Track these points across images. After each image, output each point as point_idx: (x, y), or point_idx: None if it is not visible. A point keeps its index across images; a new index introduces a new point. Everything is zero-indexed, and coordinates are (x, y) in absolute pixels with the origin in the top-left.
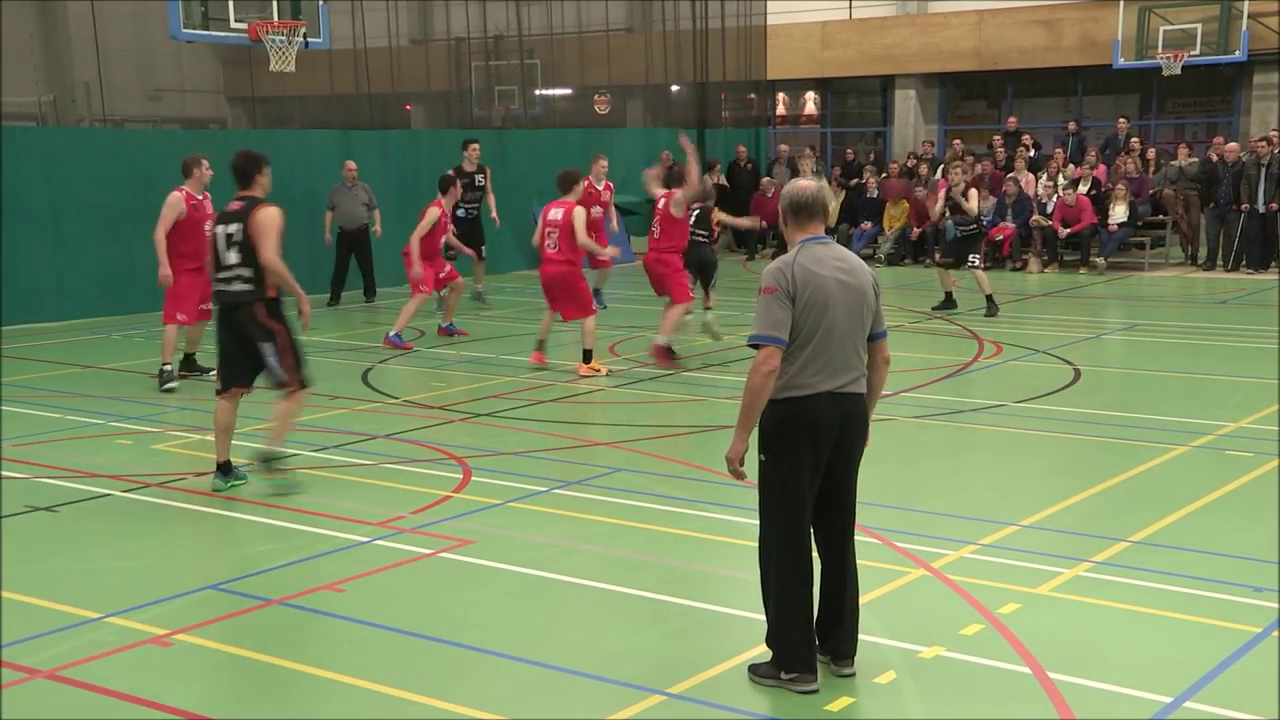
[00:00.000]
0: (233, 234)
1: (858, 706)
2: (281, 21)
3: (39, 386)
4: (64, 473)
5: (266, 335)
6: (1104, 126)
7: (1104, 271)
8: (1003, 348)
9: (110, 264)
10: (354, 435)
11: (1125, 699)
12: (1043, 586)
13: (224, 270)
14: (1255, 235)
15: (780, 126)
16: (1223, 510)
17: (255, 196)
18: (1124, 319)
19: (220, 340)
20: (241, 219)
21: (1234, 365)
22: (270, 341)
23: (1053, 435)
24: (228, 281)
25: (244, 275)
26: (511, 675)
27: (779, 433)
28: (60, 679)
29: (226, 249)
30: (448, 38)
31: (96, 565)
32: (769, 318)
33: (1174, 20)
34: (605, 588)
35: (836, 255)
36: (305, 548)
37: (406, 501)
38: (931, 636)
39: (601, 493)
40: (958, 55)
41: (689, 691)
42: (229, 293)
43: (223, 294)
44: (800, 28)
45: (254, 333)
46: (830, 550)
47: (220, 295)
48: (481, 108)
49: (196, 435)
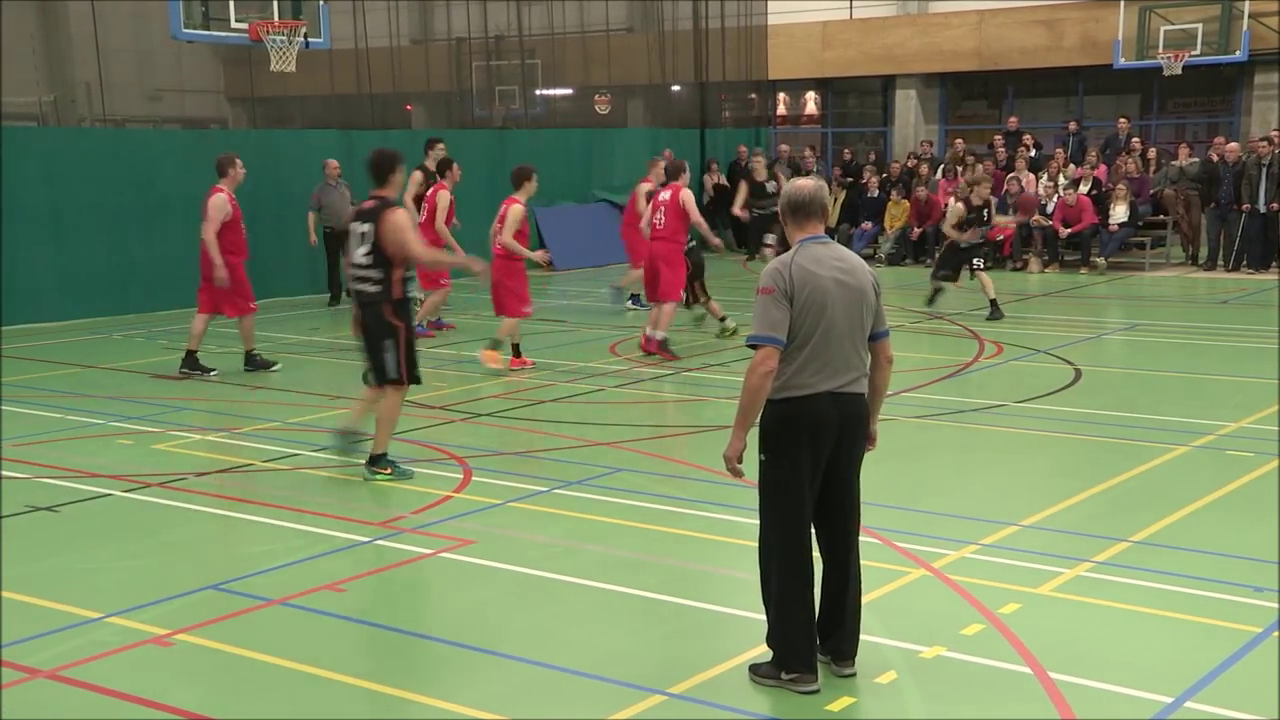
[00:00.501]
0: (366, 233)
1: (858, 706)
2: (282, 21)
3: (40, 386)
4: (65, 472)
5: (390, 332)
6: (1105, 126)
7: (1105, 271)
8: (1003, 348)
9: (111, 264)
10: (355, 435)
11: (1126, 699)
12: (1043, 586)
13: (355, 269)
14: (1256, 235)
15: (781, 126)
16: (1223, 510)
17: (388, 197)
18: (1125, 319)
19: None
20: (374, 219)
21: (1235, 365)
22: (392, 338)
23: (1053, 435)
24: (360, 280)
25: (374, 277)
26: (512, 675)
27: (778, 433)
28: (61, 679)
29: (358, 247)
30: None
31: (97, 565)
32: (766, 318)
33: (1175, 20)
34: (606, 588)
35: (836, 255)
36: (306, 548)
37: (407, 501)
38: (932, 636)
39: (602, 493)
40: (958, 55)
41: (689, 691)
42: (361, 292)
43: (358, 292)
44: (801, 28)
45: (379, 329)
46: (832, 550)
47: (356, 294)
48: (482, 108)
49: (197, 435)
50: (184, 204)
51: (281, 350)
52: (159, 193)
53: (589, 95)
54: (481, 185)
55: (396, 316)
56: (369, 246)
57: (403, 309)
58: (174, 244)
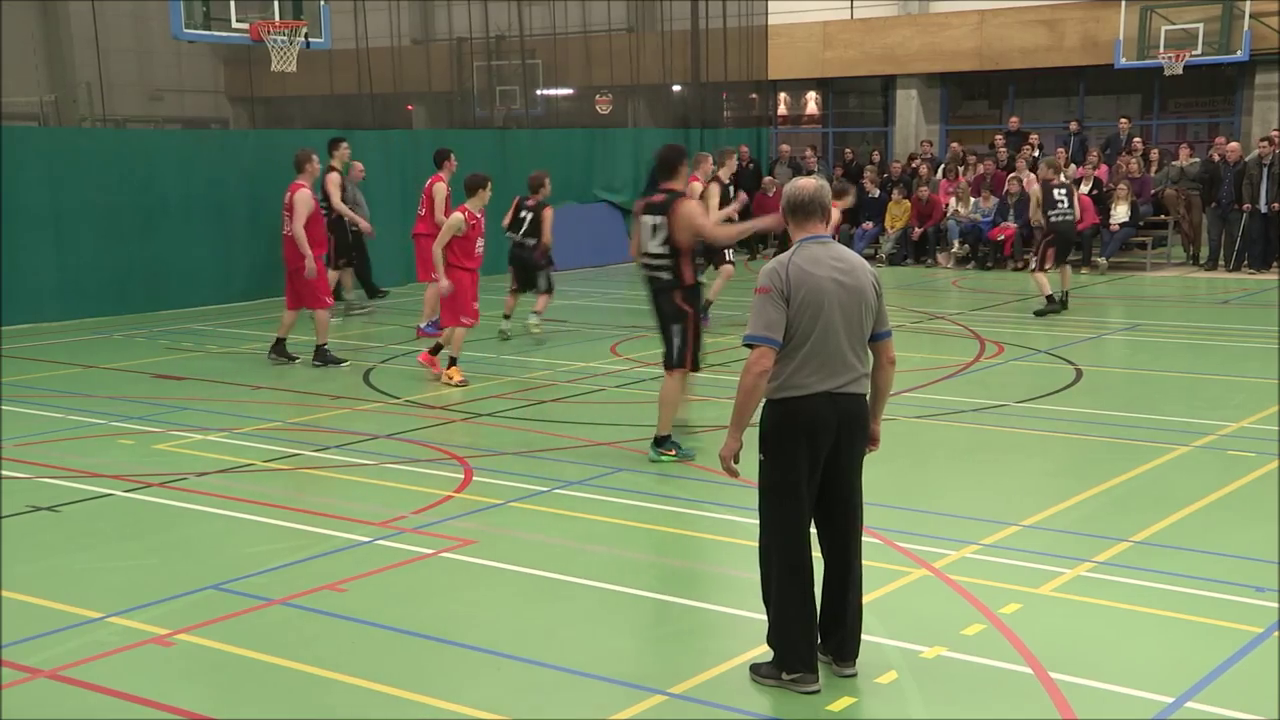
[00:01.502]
0: (658, 225)
1: (859, 706)
2: (283, 21)
3: (41, 386)
4: (66, 472)
5: (680, 318)
6: (1106, 126)
7: (1106, 271)
8: (1004, 348)
9: (111, 264)
10: (356, 435)
11: (1127, 699)
12: (1044, 587)
13: (648, 257)
14: (1257, 235)
15: (782, 126)
16: (1224, 510)
17: (676, 190)
18: (1126, 319)
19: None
20: (666, 211)
21: (1236, 365)
22: (680, 323)
23: (1054, 435)
24: (654, 269)
25: (667, 265)
26: (513, 675)
27: (776, 433)
28: (62, 679)
29: (651, 238)
30: (449, 38)
31: (98, 565)
32: (762, 318)
33: (1176, 20)
34: (607, 587)
35: (835, 255)
36: (307, 547)
37: (408, 501)
38: (933, 636)
39: (603, 493)
40: (959, 55)
41: (691, 691)
42: (656, 279)
43: (651, 279)
44: (802, 28)
45: (671, 315)
46: (833, 550)
47: (649, 280)
48: (483, 108)
49: (198, 435)
50: (184, 204)
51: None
52: (159, 193)
53: (590, 95)
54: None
55: (686, 302)
56: (663, 236)
57: (693, 295)
58: (175, 244)
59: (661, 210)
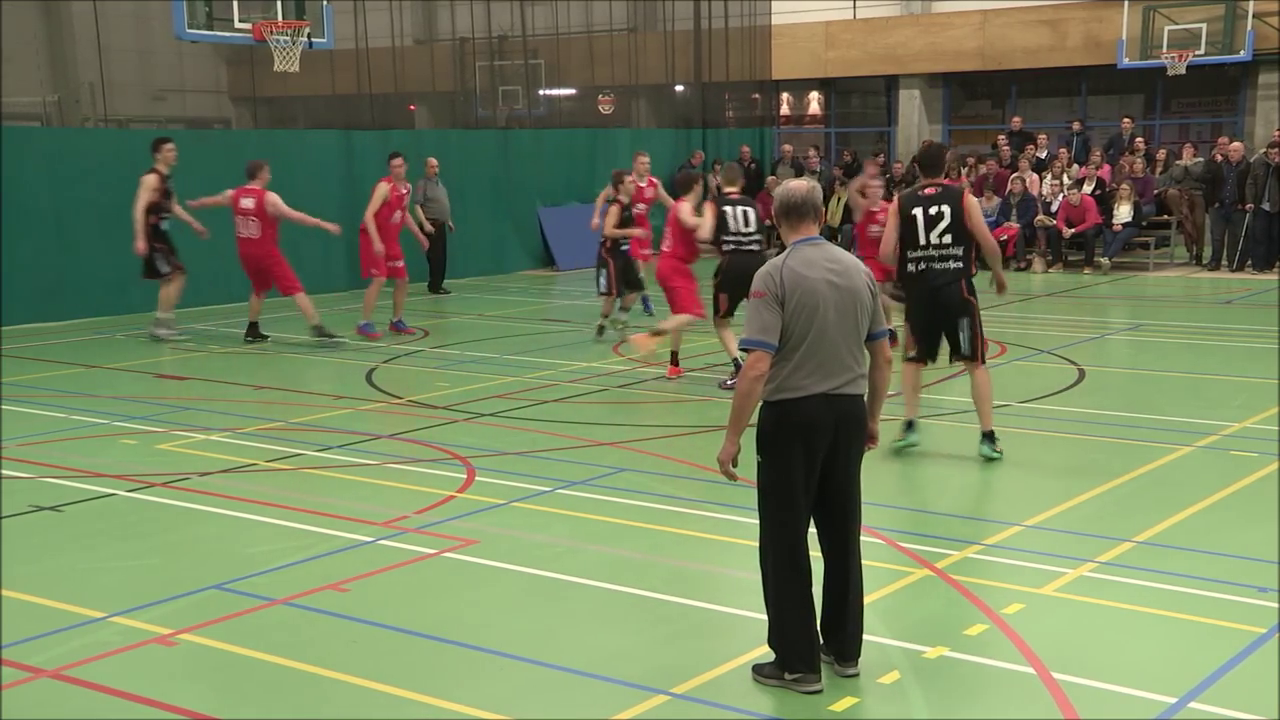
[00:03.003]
0: (942, 214)
1: (861, 707)
2: (286, 21)
3: (43, 386)
4: (68, 472)
5: (967, 309)
6: (1108, 126)
7: (1108, 271)
8: (1007, 348)
9: (113, 264)
10: (358, 435)
11: (1129, 699)
12: (1047, 587)
13: (934, 249)
14: (1260, 235)
15: (784, 126)
16: (1227, 511)
17: (946, 184)
18: (1128, 319)
19: (919, 315)
20: (951, 202)
21: (1238, 365)
22: (968, 315)
23: (1057, 435)
24: (939, 260)
25: (956, 254)
26: (515, 675)
27: (773, 435)
28: (64, 678)
29: (932, 228)
30: (452, 38)
31: (100, 565)
32: (758, 322)
33: (1178, 20)
34: (609, 588)
35: (828, 256)
36: (309, 547)
37: (410, 501)
38: (935, 637)
39: (605, 493)
40: (962, 55)
41: (692, 691)
42: (942, 271)
43: (938, 272)
44: (804, 28)
45: (957, 307)
46: (833, 551)
47: (933, 274)
48: (485, 108)
49: (200, 435)
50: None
51: (287, 349)
52: None
53: (592, 95)
54: (485, 186)
55: (970, 293)
56: (945, 225)
57: (973, 286)
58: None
59: (946, 201)
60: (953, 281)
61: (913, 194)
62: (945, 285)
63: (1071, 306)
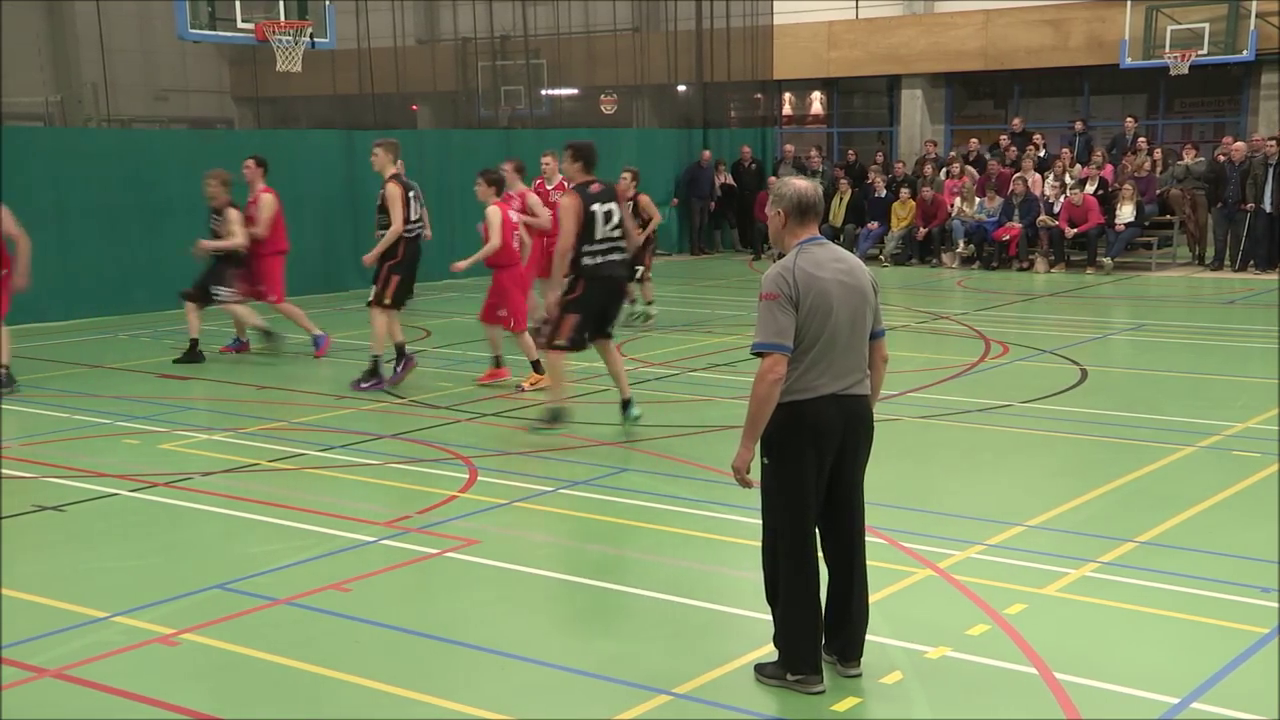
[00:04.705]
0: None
1: (864, 707)
2: (288, 21)
3: (45, 386)
4: (71, 472)
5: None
6: (1111, 126)
7: (1110, 271)
8: (1009, 348)
9: (116, 264)
10: (360, 435)
11: (1132, 700)
12: (1049, 587)
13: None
14: (1262, 235)
15: (786, 126)
16: (1229, 511)
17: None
18: (1130, 319)
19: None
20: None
21: (1241, 366)
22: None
23: (1059, 435)
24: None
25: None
26: (517, 675)
27: (782, 436)
28: (67, 678)
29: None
30: (454, 38)
31: (103, 564)
32: (772, 325)
33: (1181, 20)
34: (611, 587)
35: (835, 256)
36: (311, 547)
37: (413, 501)
38: (938, 637)
39: (607, 492)
40: (964, 55)
41: (695, 691)
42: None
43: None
44: (806, 27)
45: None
46: (838, 552)
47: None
48: (488, 108)
49: (203, 435)
50: (188, 204)
51: (289, 349)
52: (164, 193)
53: (594, 95)
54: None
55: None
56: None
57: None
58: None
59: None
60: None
61: (587, 191)
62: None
63: (1074, 307)
